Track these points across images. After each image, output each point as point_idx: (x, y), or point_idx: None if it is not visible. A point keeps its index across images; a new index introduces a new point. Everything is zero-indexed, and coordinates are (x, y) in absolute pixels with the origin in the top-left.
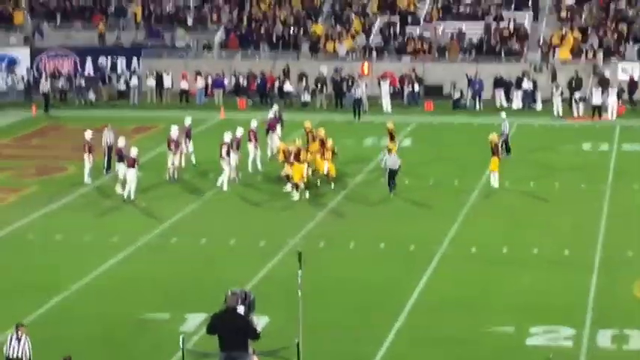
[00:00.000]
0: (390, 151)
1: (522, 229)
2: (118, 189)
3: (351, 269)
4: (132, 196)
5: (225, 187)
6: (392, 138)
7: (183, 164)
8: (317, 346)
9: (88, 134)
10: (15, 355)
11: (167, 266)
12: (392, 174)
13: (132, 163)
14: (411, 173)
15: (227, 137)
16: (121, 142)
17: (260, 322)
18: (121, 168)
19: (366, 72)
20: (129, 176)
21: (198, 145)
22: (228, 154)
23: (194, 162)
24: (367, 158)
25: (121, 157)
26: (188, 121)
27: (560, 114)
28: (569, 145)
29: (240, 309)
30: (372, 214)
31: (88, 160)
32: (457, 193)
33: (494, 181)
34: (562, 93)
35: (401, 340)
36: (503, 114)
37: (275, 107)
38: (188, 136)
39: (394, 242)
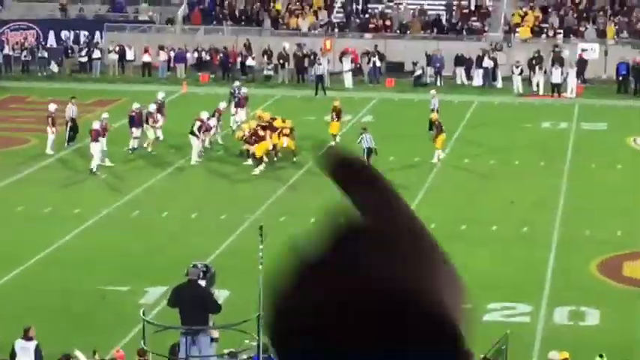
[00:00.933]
0: (365, 130)
1: (481, 206)
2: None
3: None
4: (94, 169)
5: (193, 162)
6: (338, 116)
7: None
8: None
9: (52, 107)
10: None
11: (128, 239)
12: (369, 153)
13: (95, 137)
14: (373, 151)
15: (203, 115)
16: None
17: (221, 295)
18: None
19: (328, 48)
20: (92, 149)
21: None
22: (199, 130)
23: (161, 137)
24: (328, 134)
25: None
26: (161, 95)
27: (520, 92)
28: (529, 123)
29: (202, 282)
30: (332, 188)
31: (50, 132)
32: (417, 170)
33: (436, 157)
34: (522, 71)
35: None
36: (433, 91)
37: (237, 83)
38: (160, 111)
39: None
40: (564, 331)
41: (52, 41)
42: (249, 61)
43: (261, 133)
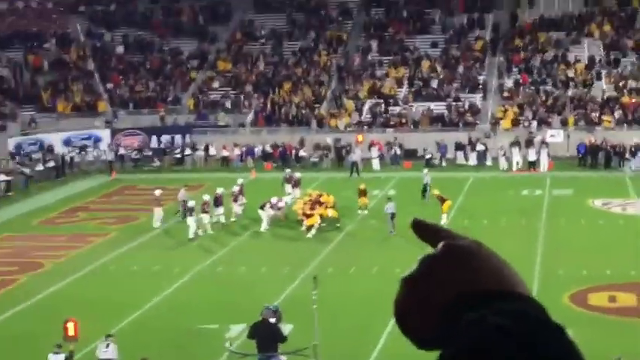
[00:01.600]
0: (390, 199)
1: None
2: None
3: (353, 288)
4: (191, 236)
5: (262, 229)
6: (364, 194)
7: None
8: (329, 347)
9: (158, 192)
10: (104, 358)
11: (215, 289)
12: (392, 216)
13: (191, 212)
14: (396, 215)
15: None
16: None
17: (286, 329)
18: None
19: (360, 140)
20: (189, 221)
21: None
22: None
23: (240, 212)
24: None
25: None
26: (240, 181)
27: (505, 168)
28: (512, 191)
29: (272, 320)
30: (367, 245)
31: (157, 211)
32: None
33: (444, 219)
34: (505, 153)
35: (391, 343)
36: (425, 170)
37: (288, 170)
38: (241, 193)
39: (384, 267)
40: None
41: (154, 143)
42: (301, 153)
43: (309, 212)
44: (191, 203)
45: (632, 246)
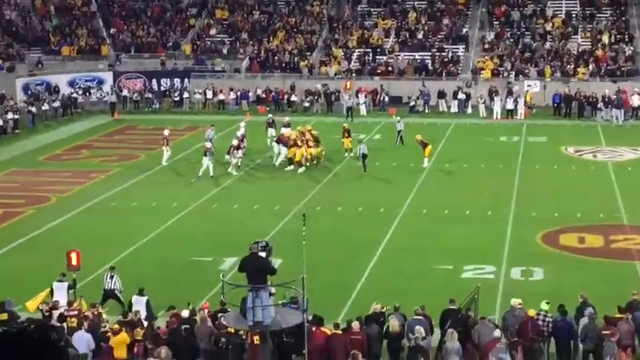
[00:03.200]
0: (360, 142)
1: (458, 197)
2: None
3: (340, 225)
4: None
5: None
6: (349, 135)
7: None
8: (317, 279)
9: (166, 131)
10: (109, 287)
11: (210, 225)
12: (364, 157)
13: (206, 152)
14: (380, 158)
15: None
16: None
17: (276, 263)
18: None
19: (348, 87)
20: (203, 161)
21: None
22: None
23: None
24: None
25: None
26: (240, 133)
27: (484, 116)
28: (491, 138)
29: (262, 254)
30: (354, 186)
31: (165, 150)
32: (412, 172)
33: (426, 163)
34: (484, 102)
35: (374, 274)
36: (398, 117)
37: (269, 115)
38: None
39: (369, 206)
40: (519, 285)
41: (154, 86)
42: (293, 98)
43: (299, 142)
44: (208, 144)
45: (601, 191)
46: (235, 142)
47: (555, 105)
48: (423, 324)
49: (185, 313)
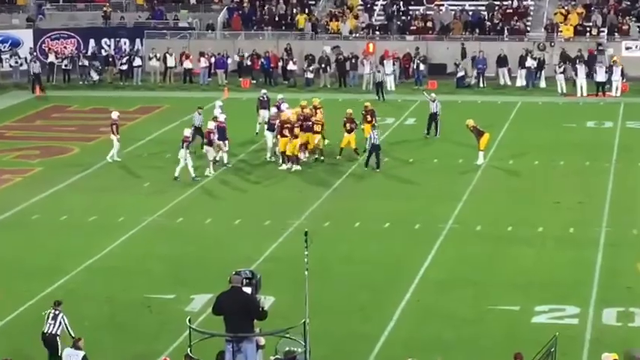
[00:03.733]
0: (374, 127)
1: (527, 207)
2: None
3: (357, 249)
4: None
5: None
6: (372, 117)
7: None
8: (324, 326)
9: (115, 114)
10: (51, 331)
11: (173, 246)
12: (376, 150)
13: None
14: (414, 152)
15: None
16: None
17: (267, 302)
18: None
19: (371, 51)
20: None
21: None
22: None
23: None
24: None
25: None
26: (218, 112)
27: (564, 91)
28: (573, 123)
29: (247, 289)
30: (377, 193)
31: (116, 140)
32: (461, 172)
33: (480, 159)
34: (564, 71)
35: (408, 319)
36: (432, 94)
37: (263, 91)
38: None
39: (399, 220)
40: (613, 333)
41: (92, 50)
42: (290, 66)
43: (296, 130)
44: (187, 132)
45: None
46: (212, 126)
47: None
48: None
49: None
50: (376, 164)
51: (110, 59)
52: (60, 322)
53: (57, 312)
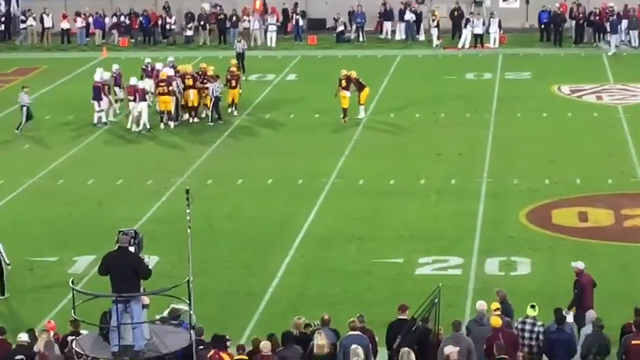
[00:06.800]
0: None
1: (409, 160)
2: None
3: (240, 205)
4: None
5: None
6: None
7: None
8: (209, 284)
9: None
10: None
11: (54, 209)
12: (216, 102)
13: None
14: (296, 108)
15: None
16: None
17: (150, 261)
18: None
19: (258, 7)
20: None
21: (83, 85)
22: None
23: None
24: (250, 96)
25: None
26: (115, 67)
27: (441, 44)
28: (453, 75)
29: (131, 249)
30: (259, 149)
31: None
32: (343, 126)
33: (361, 113)
34: (437, 24)
35: (292, 274)
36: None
37: (147, 60)
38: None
39: (282, 177)
40: (496, 282)
41: None
42: (170, 24)
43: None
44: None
45: (608, 146)
46: (170, 72)
47: (543, 26)
48: (362, 342)
49: (22, 337)
50: (215, 117)
51: None
52: None
53: None
